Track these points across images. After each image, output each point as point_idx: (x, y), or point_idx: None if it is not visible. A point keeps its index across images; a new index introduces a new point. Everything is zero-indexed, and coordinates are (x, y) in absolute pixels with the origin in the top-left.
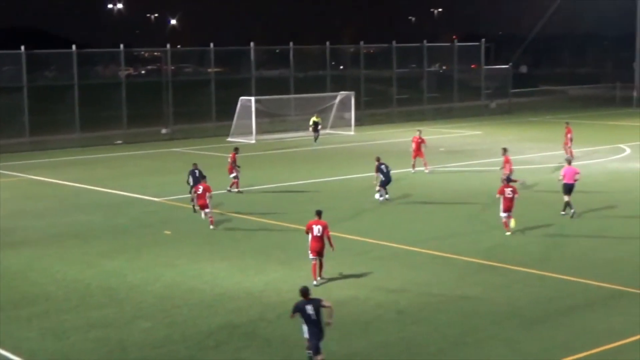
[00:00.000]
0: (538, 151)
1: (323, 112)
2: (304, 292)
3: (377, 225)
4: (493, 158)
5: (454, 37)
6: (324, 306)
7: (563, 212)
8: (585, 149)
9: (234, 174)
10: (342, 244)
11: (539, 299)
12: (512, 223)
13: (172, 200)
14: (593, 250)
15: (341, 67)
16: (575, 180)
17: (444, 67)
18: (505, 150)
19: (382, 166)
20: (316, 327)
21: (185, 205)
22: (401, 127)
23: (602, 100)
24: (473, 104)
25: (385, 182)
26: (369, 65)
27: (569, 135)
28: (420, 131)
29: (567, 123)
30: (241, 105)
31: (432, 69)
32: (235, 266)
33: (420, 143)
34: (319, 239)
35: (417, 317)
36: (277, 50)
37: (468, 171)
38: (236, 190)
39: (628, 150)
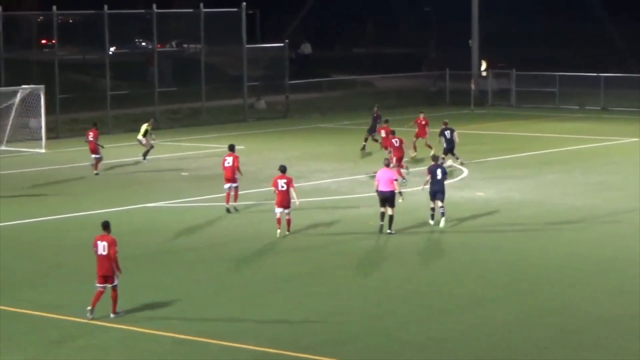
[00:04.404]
0: (333, 175)
1: None
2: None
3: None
4: (264, 187)
5: None
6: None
7: (383, 230)
8: (405, 170)
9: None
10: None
11: None
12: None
13: None
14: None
15: (51, 42)
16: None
17: (184, 46)
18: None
19: (447, 131)
20: None
21: None
22: (121, 140)
23: (424, 96)
24: (231, 102)
25: (448, 149)
26: (68, 43)
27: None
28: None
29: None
30: None
31: (167, 48)
32: None
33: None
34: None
35: None
36: None
37: (220, 207)
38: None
39: (466, 172)
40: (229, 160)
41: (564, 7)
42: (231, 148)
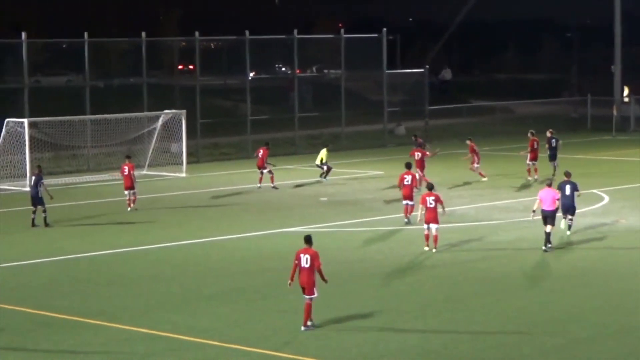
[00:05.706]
0: (471, 201)
1: (138, 143)
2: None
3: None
4: (402, 213)
5: (339, 25)
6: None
7: (544, 248)
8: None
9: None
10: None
11: None
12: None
13: None
14: None
15: (187, 68)
16: (558, 207)
17: (325, 71)
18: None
19: (553, 140)
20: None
21: None
22: None
23: (565, 122)
24: (370, 128)
25: (552, 156)
26: (210, 69)
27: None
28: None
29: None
30: (7, 131)
31: (307, 73)
32: None
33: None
34: (309, 271)
35: None
36: (64, 45)
37: (363, 232)
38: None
39: (607, 199)
40: (408, 179)
41: None
42: (409, 166)
